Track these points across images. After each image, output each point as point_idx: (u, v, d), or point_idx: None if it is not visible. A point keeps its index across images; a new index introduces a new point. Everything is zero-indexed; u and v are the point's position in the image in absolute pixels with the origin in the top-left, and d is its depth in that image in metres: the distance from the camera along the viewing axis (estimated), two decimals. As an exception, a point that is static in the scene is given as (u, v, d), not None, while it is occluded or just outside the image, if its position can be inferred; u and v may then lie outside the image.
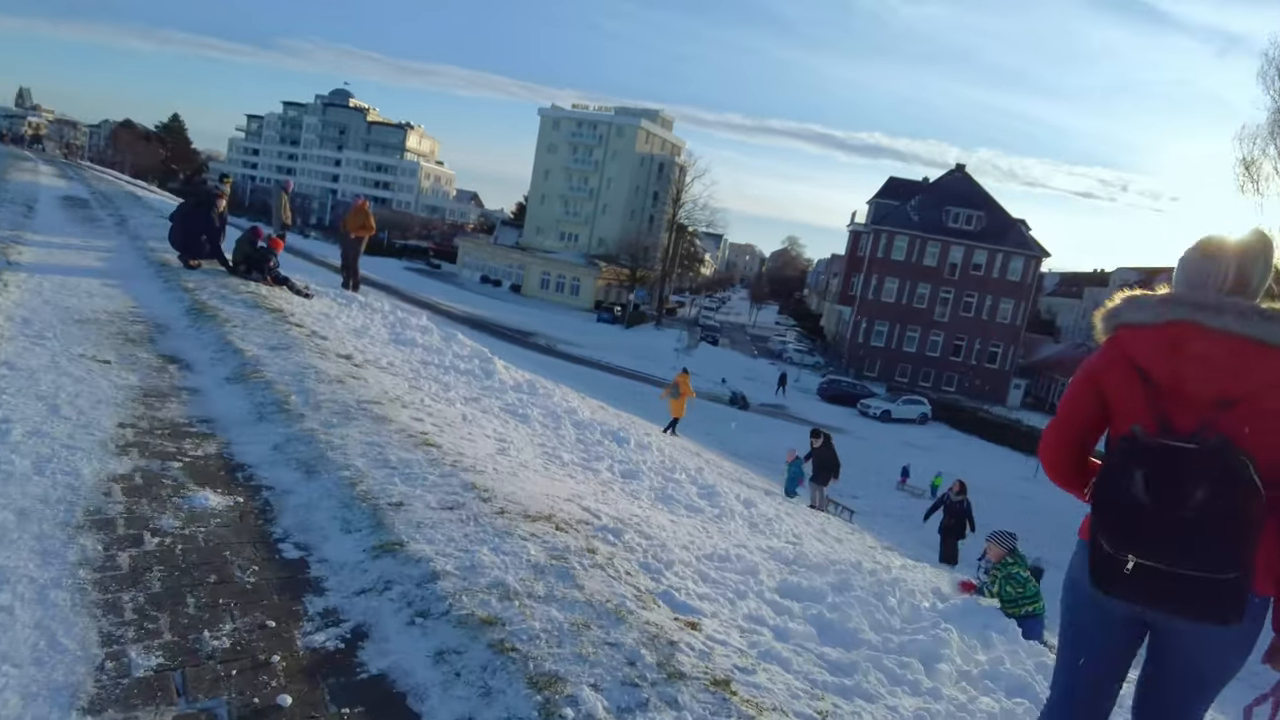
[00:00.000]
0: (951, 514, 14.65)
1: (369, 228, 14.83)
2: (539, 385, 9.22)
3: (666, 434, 17.62)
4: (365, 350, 7.80)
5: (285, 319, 8.04)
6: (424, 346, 9.51)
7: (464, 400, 6.99)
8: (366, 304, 12.26)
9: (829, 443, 15.23)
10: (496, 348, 14.22)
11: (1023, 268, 61.25)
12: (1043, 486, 35.68)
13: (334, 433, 4.66)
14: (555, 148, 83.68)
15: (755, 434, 33.93)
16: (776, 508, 8.55)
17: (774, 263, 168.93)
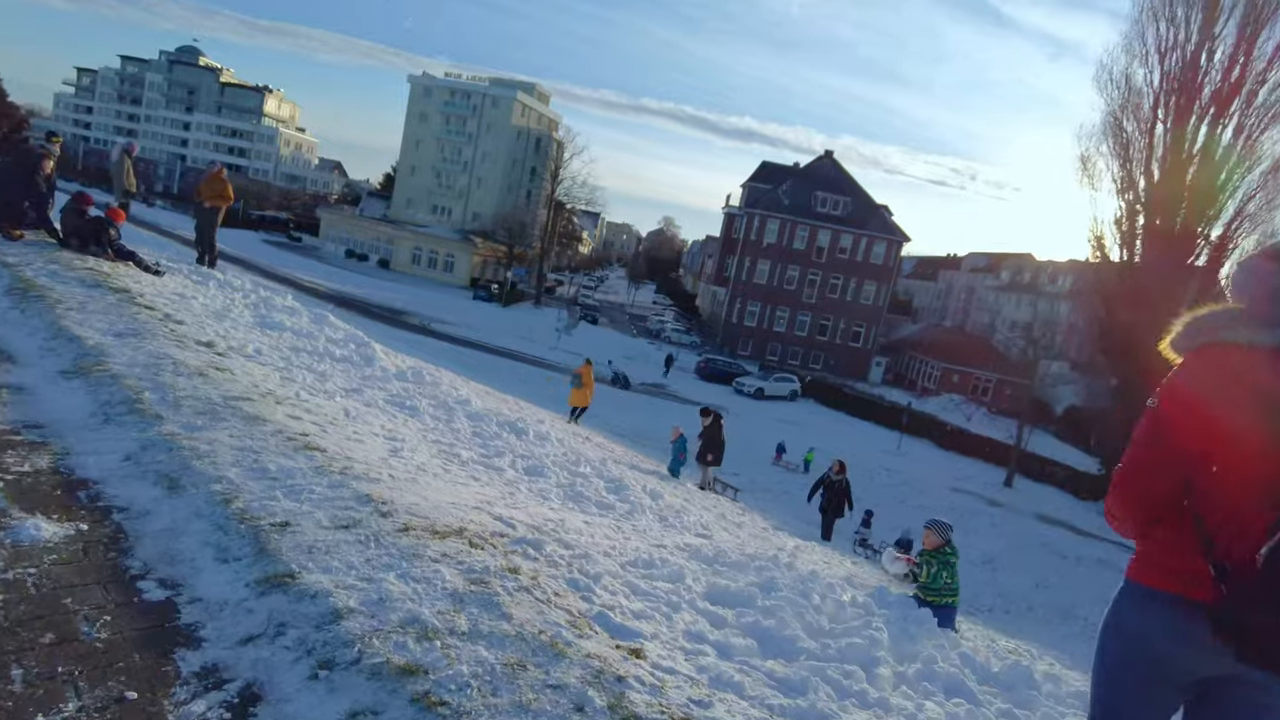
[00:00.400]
0: (832, 493, 15.10)
1: (226, 197, 13.51)
2: (425, 372, 8.63)
3: (571, 424, 17.31)
4: (229, 336, 6.96)
5: (133, 300, 7.05)
6: (293, 330, 8.67)
7: (344, 392, 6.36)
8: (226, 282, 11.13)
9: (718, 422, 15.27)
10: (367, 329, 13.35)
11: (885, 252, 64.49)
12: (906, 459, 37.95)
13: (199, 437, 4.02)
14: (427, 117, 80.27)
15: (636, 413, 34.05)
16: (683, 498, 8.38)
17: (650, 243, 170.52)
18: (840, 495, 15.13)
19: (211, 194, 13.22)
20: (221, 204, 13.43)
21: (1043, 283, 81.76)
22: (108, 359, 5.08)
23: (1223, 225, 34.93)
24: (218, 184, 13.24)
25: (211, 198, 13.29)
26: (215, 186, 13.21)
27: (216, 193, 13.24)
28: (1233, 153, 34.43)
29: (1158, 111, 35.71)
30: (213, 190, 13.19)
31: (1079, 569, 25.20)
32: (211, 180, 13.39)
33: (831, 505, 15.12)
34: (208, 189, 13.16)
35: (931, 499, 30.73)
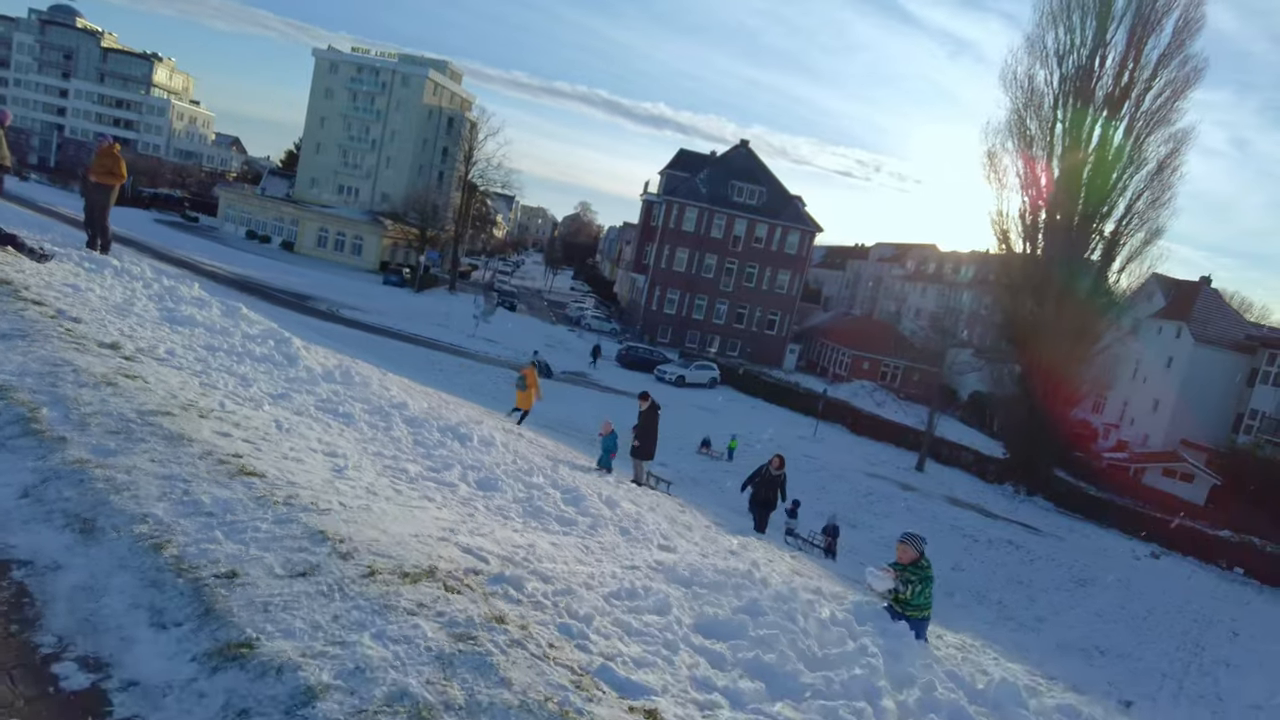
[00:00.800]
0: (768, 486, 15.08)
1: (118, 174, 12.35)
2: (354, 371, 8.03)
3: (516, 425, 16.67)
4: (135, 335, 6.23)
5: (16, 294, 6.21)
6: (206, 326, 7.91)
7: (271, 399, 5.77)
8: (123, 269, 10.15)
9: (655, 411, 14.85)
10: (272, 316, 12.48)
11: (799, 242, 65.72)
12: (822, 445, 38.84)
13: (114, 463, 3.47)
14: (333, 93, 76.66)
15: (560, 403, 33.45)
16: (633, 502, 8.05)
17: (567, 228, 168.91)
18: (776, 489, 15.13)
19: (103, 171, 12.07)
20: (114, 182, 12.28)
21: (947, 272, 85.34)
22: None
23: (1114, 221, 37.08)
24: (109, 160, 12.08)
25: (103, 175, 12.12)
26: (106, 162, 12.04)
27: (108, 169, 12.08)
28: (1123, 153, 36.50)
29: (1057, 111, 37.53)
30: (104, 167, 12.03)
31: (990, 551, 26.34)
32: (103, 155, 12.21)
33: (766, 498, 15.11)
34: (99, 165, 12.00)
35: (848, 484, 31.52)
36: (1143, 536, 34.18)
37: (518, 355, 44.19)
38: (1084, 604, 22.71)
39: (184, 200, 77.14)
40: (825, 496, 29.39)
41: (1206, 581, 29.42)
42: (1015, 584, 23.36)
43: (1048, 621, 20.48)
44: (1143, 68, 35.74)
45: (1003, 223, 39.45)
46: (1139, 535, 34.26)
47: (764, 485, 15.08)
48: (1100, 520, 36.48)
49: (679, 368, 48.53)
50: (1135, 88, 35.73)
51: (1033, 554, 27.32)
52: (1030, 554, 27.24)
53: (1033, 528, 32.26)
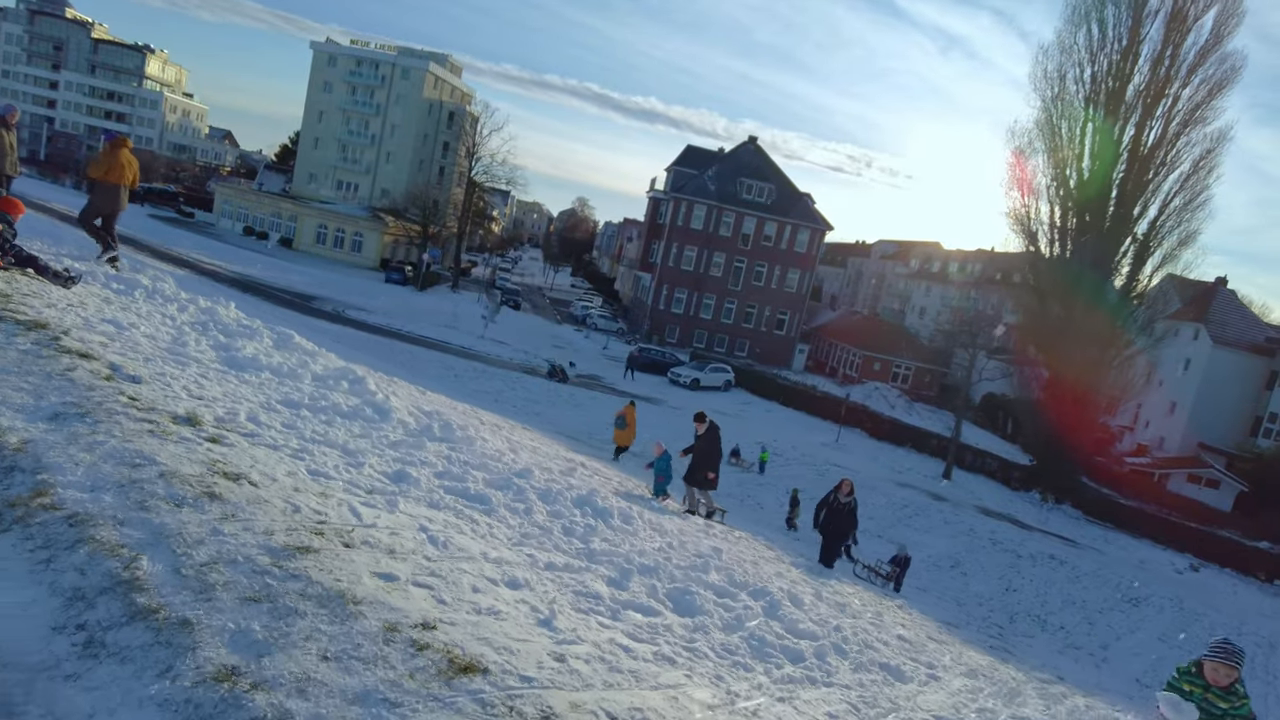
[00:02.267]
0: (838, 516, 13.86)
1: (132, 174, 10.90)
2: (450, 420, 6.77)
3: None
4: (204, 393, 4.96)
5: (58, 343, 4.93)
6: (270, 368, 6.63)
7: (394, 484, 4.53)
8: (154, 289, 8.87)
9: (715, 432, 13.60)
10: (278, 317, 11.24)
11: (808, 240, 64.57)
12: (847, 453, 37.72)
13: (276, 672, 2.23)
14: (331, 87, 74.82)
15: (582, 411, 32.31)
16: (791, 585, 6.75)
17: (563, 223, 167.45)
18: (847, 518, 13.90)
19: (111, 169, 10.60)
20: (124, 182, 10.82)
21: (952, 271, 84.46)
22: (51, 478, 3.13)
23: (1147, 223, 36.07)
24: (119, 157, 10.63)
25: (115, 174, 10.65)
26: (114, 160, 10.58)
27: (118, 167, 10.61)
28: (1156, 154, 35.49)
29: (1088, 111, 36.42)
30: (110, 164, 10.56)
31: (1036, 568, 25.28)
32: (112, 152, 10.74)
33: (836, 528, 13.86)
34: (104, 162, 10.51)
35: (882, 495, 30.41)
36: (1178, 547, 33.32)
37: (530, 358, 42.88)
38: (1143, 627, 21.71)
39: (179, 195, 75.28)
40: (862, 510, 28.23)
41: (1251, 597, 28.52)
42: (1070, 605, 22.31)
43: (1112, 649, 19.43)
44: (1179, 65, 34.68)
45: (1029, 224, 38.39)
46: (1175, 547, 33.39)
47: (834, 515, 13.83)
48: (1132, 530, 35.55)
49: (693, 370, 47.30)
50: (1171, 86, 34.68)
51: (1078, 570, 26.29)
52: (1075, 570, 26.21)
53: (1069, 540, 31.28)
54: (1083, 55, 36.58)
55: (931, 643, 7.87)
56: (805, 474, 30.50)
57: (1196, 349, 50.48)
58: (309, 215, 68.13)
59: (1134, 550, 32.39)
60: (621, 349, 54.22)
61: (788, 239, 64.24)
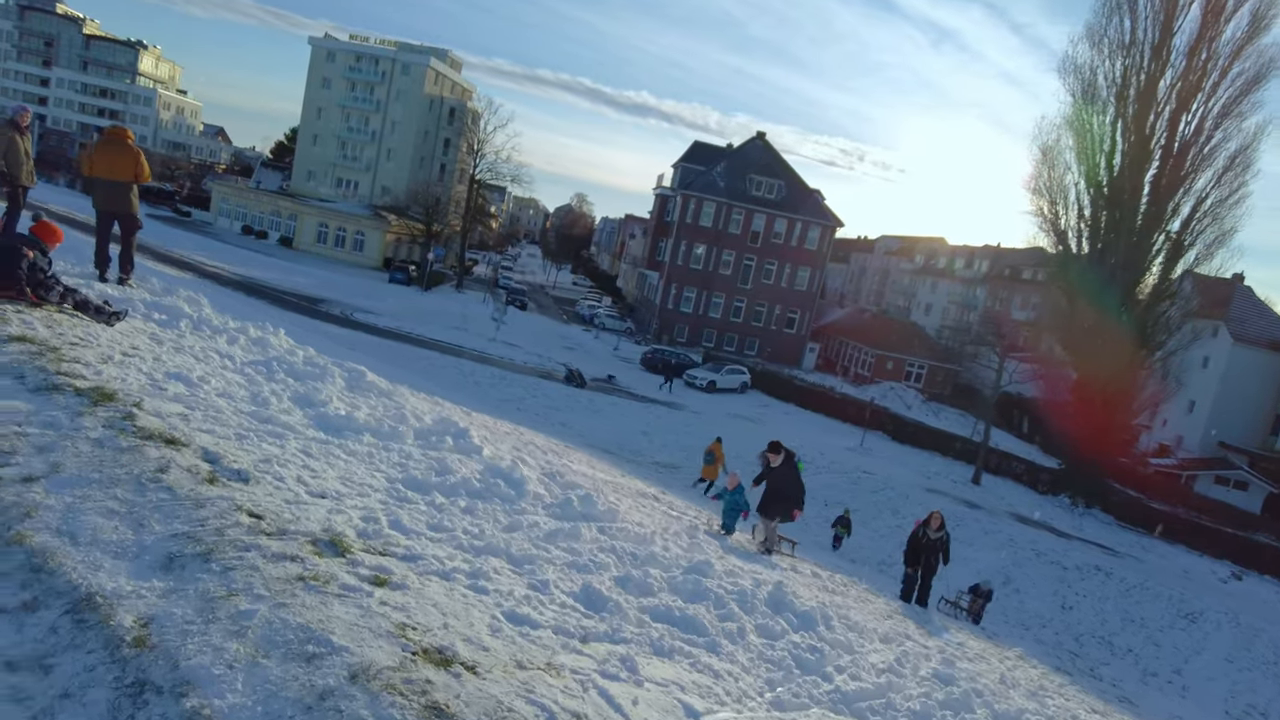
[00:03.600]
0: (927, 550, 12.81)
1: (140, 170, 9.41)
2: (573, 478, 5.68)
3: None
4: (325, 486, 3.88)
5: (134, 421, 3.83)
6: (368, 427, 5.54)
7: (591, 611, 3.45)
8: (199, 319, 7.76)
9: (791, 464, 12.53)
10: (289, 324, 10.17)
11: (819, 237, 63.50)
12: (873, 457, 36.72)
13: None
14: (330, 83, 73.33)
15: (605, 419, 31.25)
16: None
17: (560, 219, 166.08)
18: (938, 553, 12.86)
19: (115, 164, 9.17)
20: (130, 178, 9.35)
21: (959, 267, 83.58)
22: (203, 702, 2.03)
23: (1180, 221, 35.12)
24: (121, 148, 9.25)
25: (116, 169, 9.20)
26: (115, 152, 9.21)
27: (121, 161, 9.20)
28: (1190, 149, 34.53)
29: (1121, 106, 35.42)
30: (111, 157, 9.17)
31: (1085, 582, 24.35)
32: (109, 143, 9.32)
33: (927, 564, 12.81)
34: (103, 156, 9.14)
35: (918, 504, 29.41)
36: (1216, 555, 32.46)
37: (544, 361, 41.72)
38: (1207, 646, 20.81)
39: (175, 194, 73.78)
40: (899, 520, 27.33)
41: (1301, 607, 27.67)
42: (1130, 624, 21.38)
43: (1186, 674, 18.51)
44: (1215, 58, 33.70)
45: (1059, 223, 37.39)
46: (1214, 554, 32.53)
47: (924, 550, 12.79)
48: (1166, 535, 34.67)
49: (710, 373, 46.22)
50: (1207, 79, 33.70)
51: (1126, 582, 25.37)
52: (1124, 583, 25.29)
53: (1109, 548, 30.39)
54: (1114, 48, 35.62)
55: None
56: (838, 483, 29.54)
57: (1216, 347, 49.63)
58: (309, 214, 66.74)
59: (1172, 558, 31.53)
60: (632, 350, 53.09)
61: (798, 236, 63.16)
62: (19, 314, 5.39)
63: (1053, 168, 37.19)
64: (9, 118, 9.61)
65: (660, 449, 27.96)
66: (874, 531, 24.61)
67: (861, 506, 27.35)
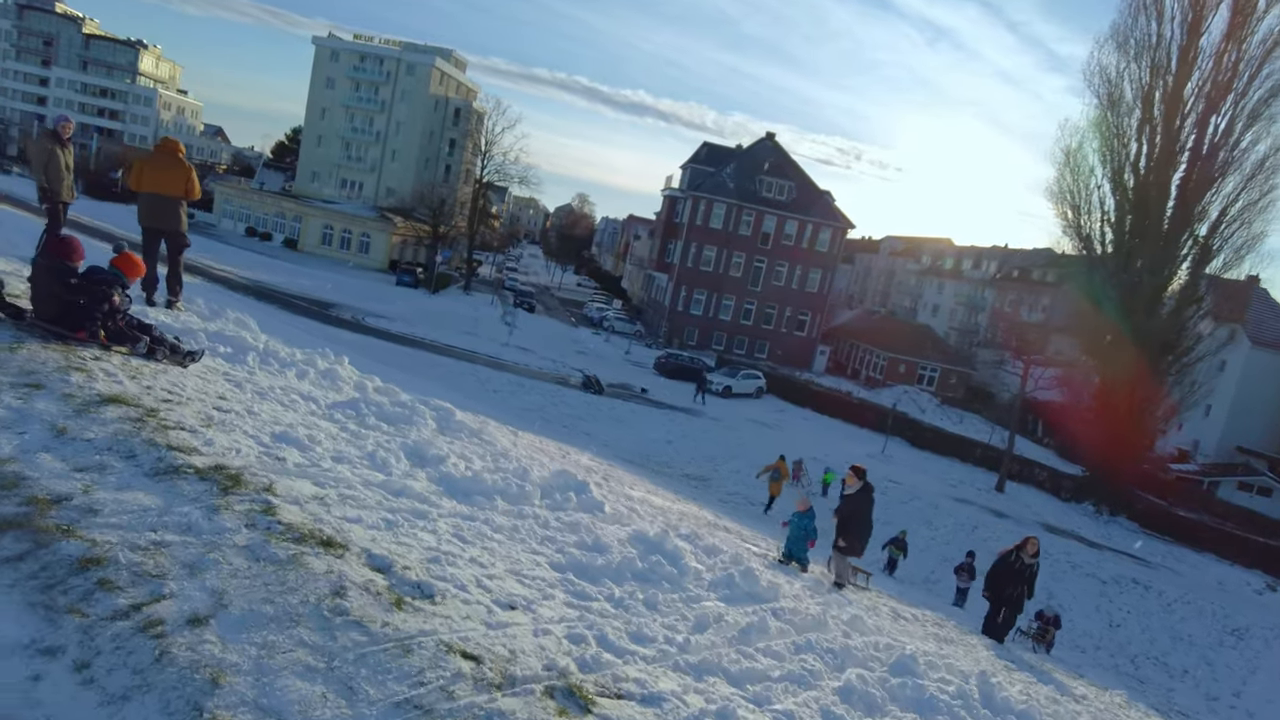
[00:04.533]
0: (1017, 579, 12.06)
1: (191, 185, 8.57)
2: (723, 548, 5.06)
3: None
4: (505, 590, 3.26)
5: (270, 511, 3.21)
6: (496, 489, 4.91)
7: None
8: (265, 351, 7.13)
9: (869, 493, 11.37)
10: (303, 330, 9.53)
11: (830, 238, 62.89)
12: (895, 464, 36.12)
13: None
14: (334, 82, 72.55)
15: (621, 425, 30.62)
16: None
17: (560, 219, 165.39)
18: (1025, 583, 12.11)
19: (171, 179, 8.39)
20: (180, 193, 8.50)
21: (966, 268, 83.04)
22: None
23: (1208, 225, 34.57)
24: (178, 164, 8.42)
25: (171, 185, 8.41)
26: (175, 168, 8.40)
27: (172, 174, 8.39)
28: (1219, 152, 33.99)
29: (1147, 108, 34.86)
30: (170, 173, 8.38)
31: (1124, 596, 23.81)
32: (158, 155, 8.55)
33: (1014, 594, 12.06)
34: (153, 169, 8.35)
35: (949, 514, 28.94)
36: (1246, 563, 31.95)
37: (558, 366, 41.06)
38: (1261, 665, 20.28)
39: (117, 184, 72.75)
40: (934, 533, 26.79)
41: (1340, 620, 27.14)
42: (1179, 642, 20.83)
43: (1246, 697, 17.97)
44: (1245, 59, 33.13)
45: (1082, 227, 36.81)
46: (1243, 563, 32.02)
47: (1011, 578, 11.95)
48: (1192, 544, 34.16)
49: (725, 377, 45.58)
50: (1238, 80, 33.13)
51: (1165, 596, 24.82)
52: (1163, 596, 24.74)
53: (1140, 559, 29.85)
54: (1140, 49, 35.03)
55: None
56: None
57: (1233, 350, 49.16)
58: (314, 215, 66.02)
59: (1204, 568, 31.02)
60: (643, 353, 52.45)
61: (809, 238, 62.53)
62: (97, 361, 4.75)
63: (1076, 171, 36.64)
64: (49, 128, 8.96)
65: (687, 459, 27.36)
66: (910, 546, 24.00)
67: (894, 519, 26.72)
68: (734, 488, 25.32)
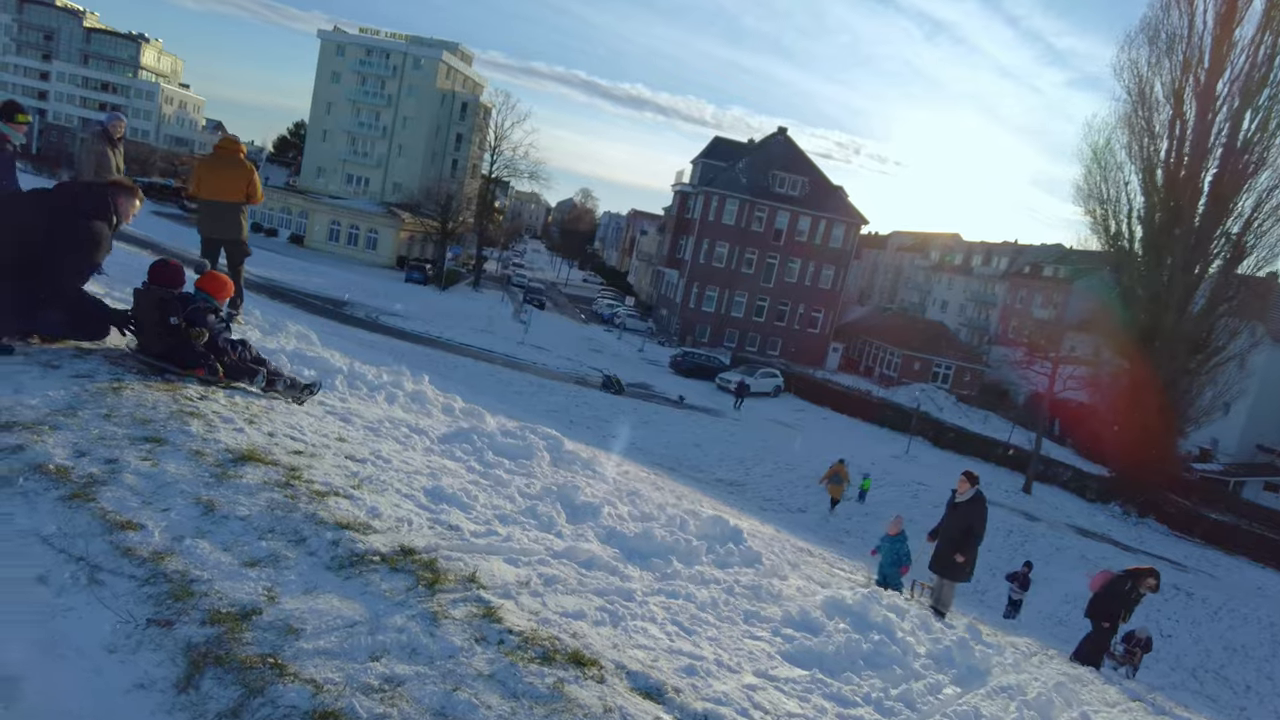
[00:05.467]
0: (1128, 606, 11.26)
1: (252, 189, 7.82)
2: (958, 634, 4.43)
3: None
4: (772, 702, 2.61)
5: (491, 614, 2.60)
6: (670, 549, 4.28)
7: None
8: (351, 372, 6.48)
9: (981, 504, 9.86)
10: (319, 329, 8.92)
11: (844, 234, 62.21)
12: (920, 466, 35.51)
13: None
14: (340, 77, 71.66)
15: (648, 428, 29.97)
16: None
17: (562, 214, 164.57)
18: (1129, 607, 11.37)
19: (231, 184, 7.66)
20: (240, 198, 7.77)
21: (976, 264, 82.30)
22: None
23: (1242, 222, 33.93)
24: (239, 167, 7.66)
25: (231, 190, 7.67)
26: (235, 171, 7.65)
27: (237, 181, 7.67)
28: (1253, 148, 33.32)
29: (1178, 104, 34.18)
30: (230, 178, 7.66)
31: (1169, 604, 23.22)
32: (219, 157, 7.76)
33: (1114, 622, 11.34)
34: (210, 171, 7.62)
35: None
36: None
37: (575, 365, 40.41)
38: (1317, 678, 19.67)
39: (180, 190, 72.08)
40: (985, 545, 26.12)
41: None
42: (1234, 654, 20.26)
43: (1314, 714, 17.35)
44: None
45: (1111, 224, 36.14)
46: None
47: (1120, 603, 11.21)
48: (1223, 547, 33.61)
49: (742, 375, 44.89)
50: (1273, 73, 32.44)
51: (1209, 604, 24.28)
52: (1207, 604, 24.20)
53: (1176, 563, 29.28)
54: (1171, 42, 34.35)
55: None
56: (899, 499, 28.35)
57: (1254, 347, 48.64)
58: (320, 211, 65.23)
59: (1239, 572, 30.48)
60: (657, 351, 51.83)
61: (822, 234, 61.81)
62: (205, 401, 4.10)
63: (1104, 168, 35.97)
64: (100, 128, 8.31)
65: (718, 463, 26.73)
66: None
67: (929, 524, 26.13)
68: (769, 493, 24.71)
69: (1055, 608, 20.46)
